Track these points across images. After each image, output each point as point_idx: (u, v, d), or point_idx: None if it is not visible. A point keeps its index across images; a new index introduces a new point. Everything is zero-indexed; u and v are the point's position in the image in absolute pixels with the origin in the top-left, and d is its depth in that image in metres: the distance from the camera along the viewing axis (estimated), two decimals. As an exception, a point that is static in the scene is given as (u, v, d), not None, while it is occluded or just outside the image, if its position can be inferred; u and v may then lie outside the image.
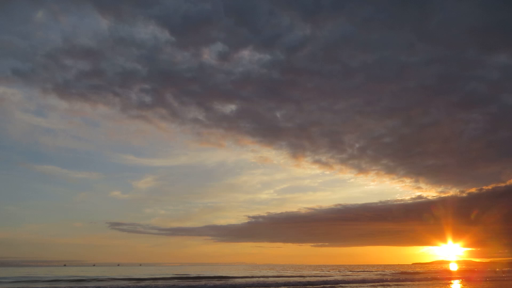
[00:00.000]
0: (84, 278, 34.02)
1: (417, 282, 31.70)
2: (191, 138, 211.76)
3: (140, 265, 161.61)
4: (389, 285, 27.43)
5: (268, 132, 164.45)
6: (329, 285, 27.33)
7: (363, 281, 32.47)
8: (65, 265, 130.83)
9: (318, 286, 27.76)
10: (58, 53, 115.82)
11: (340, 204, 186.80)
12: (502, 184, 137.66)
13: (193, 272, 45.59)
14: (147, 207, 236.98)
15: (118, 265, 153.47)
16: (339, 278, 38.33)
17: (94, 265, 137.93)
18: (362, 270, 65.93)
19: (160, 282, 29.75)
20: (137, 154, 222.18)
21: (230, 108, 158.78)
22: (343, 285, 28.14)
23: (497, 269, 68.12)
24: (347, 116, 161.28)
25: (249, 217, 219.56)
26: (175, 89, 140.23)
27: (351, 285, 28.17)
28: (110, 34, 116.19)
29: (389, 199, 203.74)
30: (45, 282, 30.13)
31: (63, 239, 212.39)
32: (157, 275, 39.91)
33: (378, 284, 29.47)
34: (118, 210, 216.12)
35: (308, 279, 34.87)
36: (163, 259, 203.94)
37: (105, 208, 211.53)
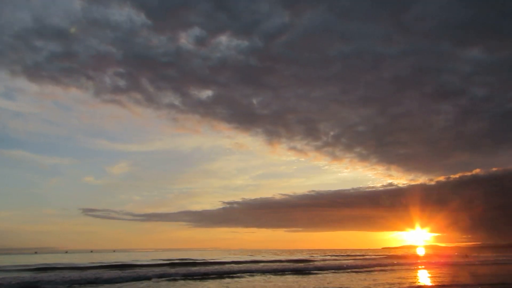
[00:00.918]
0: (63, 266, 34.84)
1: (397, 267, 34.57)
2: (167, 124, 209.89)
3: (114, 251, 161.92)
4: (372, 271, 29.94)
5: (244, 118, 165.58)
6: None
7: (357, 266, 34.48)
8: (36, 253, 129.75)
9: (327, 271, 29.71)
10: (28, 33, 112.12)
11: (314, 191, 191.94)
12: (468, 173, 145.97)
13: (174, 257, 46.96)
14: (121, 193, 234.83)
15: (91, 251, 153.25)
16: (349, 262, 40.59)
17: (66, 252, 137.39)
18: (350, 254, 69.74)
19: (155, 270, 30.94)
20: (111, 139, 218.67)
21: (206, 93, 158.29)
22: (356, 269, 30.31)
23: (467, 254, 73.42)
24: (323, 104, 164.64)
25: (224, 202, 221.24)
26: (151, 73, 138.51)
27: (358, 269, 30.58)
28: (83, 15, 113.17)
29: (361, 186, 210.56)
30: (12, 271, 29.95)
31: (34, 226, 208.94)
32: (142, 261, 40.87)
33: (368, 269, 32.04)
34: (91, 196, 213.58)
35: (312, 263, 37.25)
36: (138, 245, 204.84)
37: (77, 194, 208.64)
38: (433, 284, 19.01)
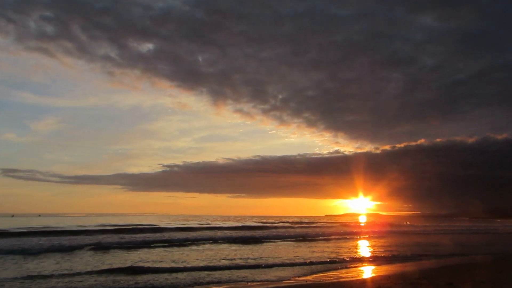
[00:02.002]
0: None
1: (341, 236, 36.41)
2: (102, 78, 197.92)
3: (39, 215, 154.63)
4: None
5: (188, 76, 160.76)
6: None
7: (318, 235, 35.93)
8: None
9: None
10: None
11: (259, 156, 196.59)
12: (413, 143, 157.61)
13: (109, 223, 45.56)
14: (48, 152, 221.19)
15: (13, 216, 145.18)
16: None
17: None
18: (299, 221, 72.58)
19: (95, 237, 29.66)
20: (37, 92, 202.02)
21: (147, 47, 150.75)
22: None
23: (406, 223, 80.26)
24: (272, 65, 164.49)
25: (164, 165, 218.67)
26: (83, 20, 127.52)
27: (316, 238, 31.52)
28: None
29: (308, 152, 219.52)
30: None
31: None
32: (72, 226, 39.32)
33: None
34: (12, 155, 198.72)
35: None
36: (66, 209, 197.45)
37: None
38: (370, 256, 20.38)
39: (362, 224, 70.81)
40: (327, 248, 23.37)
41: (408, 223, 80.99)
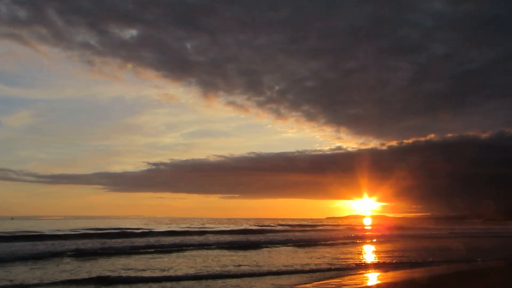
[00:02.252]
0: None
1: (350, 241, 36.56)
2: (80, 67, 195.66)
3: (12, 218, 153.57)
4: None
5: (176, 65, 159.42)
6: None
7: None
8: None
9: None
10: None
11: (253, 152, 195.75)
12: (423, 139, 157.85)
13: (90, 226, 45.37)
14: (22, 149, 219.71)
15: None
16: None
17: None
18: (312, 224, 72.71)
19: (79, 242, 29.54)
20: (8, 83, 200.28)
21: (130, 33, 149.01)
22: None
23: (415, 226, 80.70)
24: (268, 53, 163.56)
25: (149, 163, 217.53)
26: (60, 3, 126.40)
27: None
28: None
29: (307, 149, 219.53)
30: None
31: None
32: (51, 230, 39.13)
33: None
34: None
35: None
36: (42, 212, 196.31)
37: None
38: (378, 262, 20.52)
39: (366, 227, 71.24)
40: (328, 254, 23.48)
41: (419, 225, 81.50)
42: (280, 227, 63.99)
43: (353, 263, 18.65)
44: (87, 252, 22.17)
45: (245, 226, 64.56)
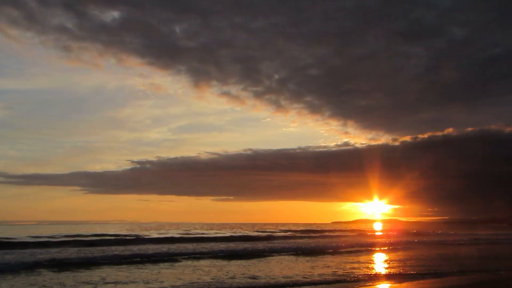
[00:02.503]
0: None
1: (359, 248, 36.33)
2: (56, 54, 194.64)
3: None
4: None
5: (163, 51, 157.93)
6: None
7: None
8: None
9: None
10: None
11: (250, 149, 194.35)
12: (439, 133, 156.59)
13: (67, 233, 45.10)
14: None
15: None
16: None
17: None
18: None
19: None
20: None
21: (111, 15, 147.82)
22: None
23: (432, 231, 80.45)
24: (266, 38, 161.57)
25: (133, 162, 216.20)
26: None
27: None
28: None
29: (310, 145, 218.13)
30: None
31: None
32: (18, 238, 38.86)
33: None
34: None
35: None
36: (12, 216, 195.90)
37: None
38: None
39: (377, 233, 70.96)
40: (333, 263, 23.13)
41: (435, 231, 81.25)
42: (279, 233, 63.72)
43: (362, 274, 18.28)
44: (63, 263, 21.76)
45: (240, 232, 64.30)
